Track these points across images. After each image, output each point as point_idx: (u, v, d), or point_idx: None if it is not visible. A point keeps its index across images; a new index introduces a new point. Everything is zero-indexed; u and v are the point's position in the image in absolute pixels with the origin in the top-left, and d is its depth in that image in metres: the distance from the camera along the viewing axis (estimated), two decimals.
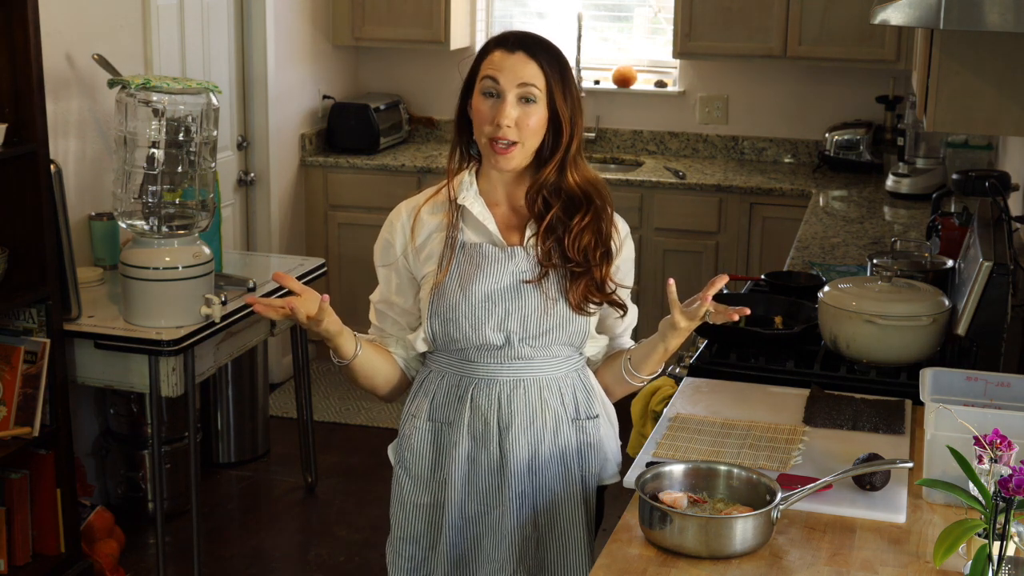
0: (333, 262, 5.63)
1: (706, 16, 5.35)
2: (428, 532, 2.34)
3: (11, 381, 3.44)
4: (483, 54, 2.22)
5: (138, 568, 3.99)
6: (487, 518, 2.29)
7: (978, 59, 2.55)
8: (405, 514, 2.36)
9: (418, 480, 2.34)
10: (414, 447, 2.32)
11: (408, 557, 2.38)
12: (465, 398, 2.27)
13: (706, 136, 5.81)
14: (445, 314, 2.23)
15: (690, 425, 2.48)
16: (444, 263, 2.22)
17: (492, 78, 2.17)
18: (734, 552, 1.96)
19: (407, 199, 2.35)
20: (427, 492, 2.33)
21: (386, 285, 2.35)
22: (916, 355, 2.74)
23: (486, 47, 2.23)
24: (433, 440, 2.32)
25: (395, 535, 2.39)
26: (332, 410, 5.32)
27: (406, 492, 2.35)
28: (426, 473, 2.33)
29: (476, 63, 2.23)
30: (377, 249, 2.35)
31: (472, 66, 2.23)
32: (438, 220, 2.27)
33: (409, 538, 2.37)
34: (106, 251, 4.07)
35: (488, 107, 2.18)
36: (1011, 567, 1.79)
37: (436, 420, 2.31)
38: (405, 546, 2.37)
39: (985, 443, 1.82)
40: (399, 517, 2.37)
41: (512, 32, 2.24)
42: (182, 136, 3.62)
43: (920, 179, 4.93)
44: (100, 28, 4.13)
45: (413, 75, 6.08)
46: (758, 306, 3.11)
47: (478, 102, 2.19)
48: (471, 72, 2.23)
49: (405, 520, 2.36)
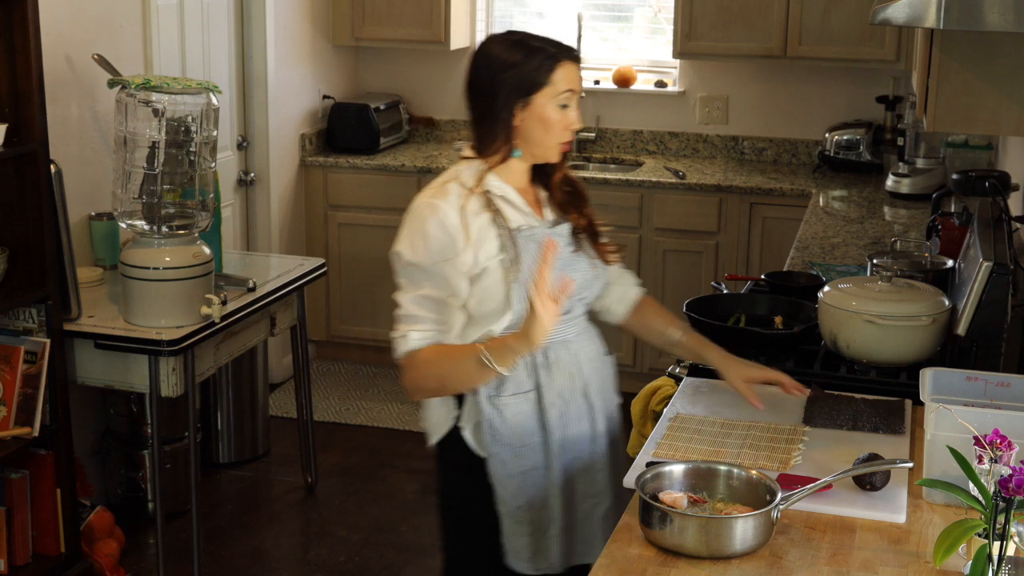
0: (333, 262, 5.63)
1: (706, 16, 5.35)
2: (538, 493, 2.45)
3: (11, 381, 3.44)
4: (553, 65, 2.35)
5: (138, 568, 3.99)
6: (582, 462, 2.49)
7: (978, 59, 2.55)
8: (514, 484, 2.43)
9: (518, 449, 2.42)
10: (508, 421, 2.41)
11: (528, 522, 2.46)
12: (547, 365, 2.43)
13: (706, 136, 5.81)
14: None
15: (690, 425, 2.48)
16: (513, 252, 2.36)
17: (571, 91, 2.37)
18: (734, 552, 1.96)
19: (434, 196, 2.37)
20: (529, 457, 2.43)
21: (451, 280, 2.35)
22: (916, 355, 2.74)
23: (554, 58, 2.35)
24: (523, 410, 2.42)
25: (509, 507, 2.44)
26: (332, 410, 5.32)
27: (511, 465, 2.42)
28: (525, 440, 2.43)
29: (544, 72, 2.35)
30: (429, 247, 2.34)
31: (536, 74, 2.34)
32: (475, 211, 2.36)
33: (525, 505, 2.45)
34: (106, 251, 4.07)
35: (561, 115, 2.37)
36: (1011, 567, 1.79)
37: (521, 392, 2.42)
38: (523, 513, 2.45)
39: (985, 443, 1.82)
40: (509, 489, 2.43)
41: (560, 41, 2.40)
42: (182, 136, 3.62)
43: (920, 179, 4.93)
44: (100, 28, 4.13)
45: (413, 75, 6.08)
46: (758, 306, 3.11)
47: (551, 111, 2.36)
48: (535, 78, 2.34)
49: (515, 490, 2.43)
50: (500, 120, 2.37)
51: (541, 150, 2.41)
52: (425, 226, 2.34)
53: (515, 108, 2.35)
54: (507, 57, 2.35)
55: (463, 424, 2.44)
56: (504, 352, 2.25)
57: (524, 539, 2.44)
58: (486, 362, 2.26)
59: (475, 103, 2.43)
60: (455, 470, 2.50)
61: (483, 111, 2.40)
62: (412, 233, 2.36)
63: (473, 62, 2.44)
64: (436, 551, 4.14)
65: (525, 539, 2.44)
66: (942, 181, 4.70)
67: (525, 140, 2.39)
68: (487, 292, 2.37)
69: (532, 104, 2.35)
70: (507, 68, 2.34)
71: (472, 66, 2.43)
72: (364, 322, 5.76)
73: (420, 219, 2.35)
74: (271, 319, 4.17)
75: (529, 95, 2.35)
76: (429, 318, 2.34)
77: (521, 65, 2.34)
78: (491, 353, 2.25)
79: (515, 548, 2.44)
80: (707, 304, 3.10)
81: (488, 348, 2.26)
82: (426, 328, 2.34)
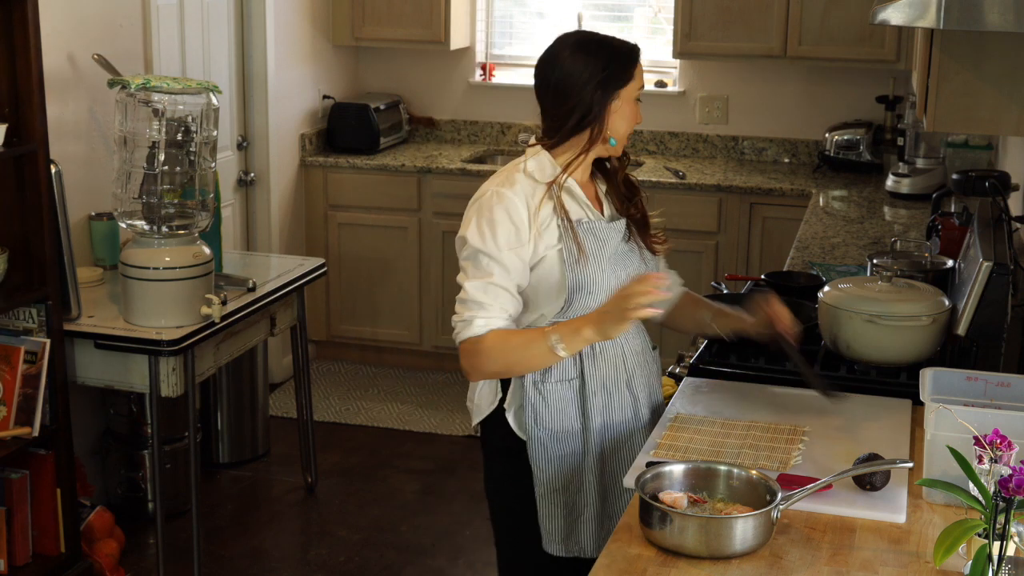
0: (333, 262, 5.63)
1: (706, 16, 5.35)
2: (574, 477, 2.52)
3: (11, 381, 3.44)
4: (634, 63, 2.50)
5: (138, 568, 3.99)
6: (623, 452, 2.55)
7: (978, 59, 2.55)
8: (552, 468, 2.51)
9: (558, 434, 2.50)
10: (550, 406, 2.49)
11: (562, 504, 2.53)
12: (592, 355, 2.51)
13: (706, 136, 5.81)
14: (590, 285, 2.47)
15: (690, 425, 2.48)
16: (575, 242, 2.45)
17: (643, 86, 2.54)
18: (734, 552, 1.96)
19: (502, 185, 2.47)
20: (568, 443, 2.51)
21: (516, 269, 2.44)
22: (916, 355, 2.74)
23: (633, 55, 2.50)
24: (566, 396, 2.50)
25: (546, 489, 2.52)
26: (332, 410, 5.32)
27: (550, 448, 2.51)
28: (565, 426, 2.51)
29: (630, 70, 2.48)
30: (497, 236, 2.42)
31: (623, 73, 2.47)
32: (540, 202, 2.46)
33: (561, 489, 2.52)
34: (106, 251, 4.07)
35: (636, 108, 2.52)
36: (1011, 567, 1.79)
37: (565, 379, 2.50)
38: (558, 497, 2.53)
39: (985, 443, 1.82)
40: (547, 472, 2.52)
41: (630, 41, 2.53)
42: (182, 136, 3.62)
43: (920, 179, 4.93)
44: (100, 28, 4.13)
45: (413, 75, 6.08)
46: None
47: (632, 105, 2.50)
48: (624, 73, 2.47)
49: (552, 473, 2.52)
50: (592, 112, 2.46)
51: (619, 143, 2.53)
52: (494, 215, 2.42)
53: (609, 101, 2.46)
54: (595, 56, 2.46)
55: (506, 407, 2.53)
56: (574, 339, 2.35)
57: (558, 522, 2.52)
58: (554, 347, 2.35)
59: (563, 100, 2.48)
60: (498, 453, 2.59)
61: (572, 107, 2.46)
62: (480, 221, 2.43)
63: (553, 61, 2.49)
64: (436, 551, 4.15)
65: (559, 522, 2.52)
66: (942, 181, 4.69)
67: (610, 133, 2.50)
68: (543, 280, 2.47)
69: (620, 98, 2.48)
70: (599, 66, 2.45)
71: (554, 67, 2.49)
72: (364, 322, 5.76)
73: (489, 207, 2.44)
74: (271, 319, 4.17)
75: (619, 90, 2.47)
76: (493, 305, 2.41)
77: (611, 63, 2.46)
78: (561, 339, 2.35)
79: (549, 530, 2.53)
80: None
81: (558, 333, 2.35)
82: (490, 315, 2.41)
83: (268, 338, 4.31)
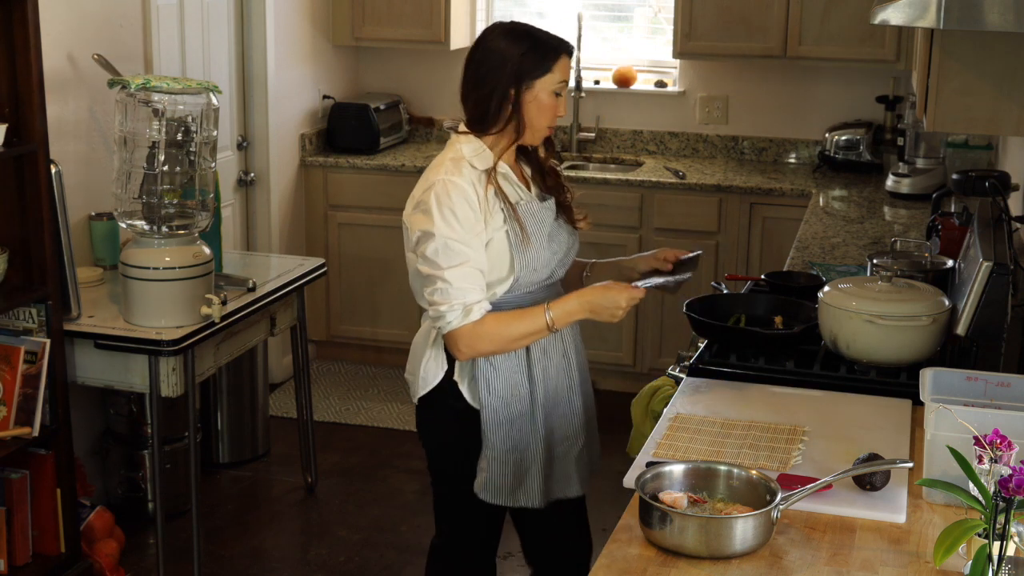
0: (333, 262, 5.63)
1: (706, 16, 5.35)
2: (523, 438, 2.71)
3: (11, 381, 3.44)
4: (555, 57, 2.60)
5: (138, 568, 3.99)
6: (561, 409, 2.78)
7: (978, 59, 2.55)
8: (503, 431, 2.69)
9: (509, 400, 2.68)
10: (500, 375, 2.67)
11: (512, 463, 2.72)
12: None
13: (706, 136, 5.81)
14: (534, 263, 2.65)
15: (690, 425, 2.48)
16: (518, 223, 2.61)
17: (564, 81, 2.63)
18: (734, 552, 1.96)
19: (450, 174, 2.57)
20: (517, 407, 2.70)
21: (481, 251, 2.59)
22: (916, 355, 2.74)
23: (556, 50, 2.61)
24: (515, 365, 2.68)
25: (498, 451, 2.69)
26: (332, 410, 5.32)
27: (502, 413, 2.68)
28: (515, 392, 2.69)
29: (548, 63, 2.59)
30: (462, 222, 2.54)
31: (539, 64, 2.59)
32: (483, 186, 2.60)
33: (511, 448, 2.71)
34: (106, 251, 4.07)
35: (554, 102, 2.62)
36: (1011, 567, 1.79)
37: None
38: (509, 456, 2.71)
39: (985, 443, 1.82)
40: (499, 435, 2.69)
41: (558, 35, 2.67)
42: (182, 136, 3.62)
43: (920, 179, 4.93)
44: (100, 28, 4.13)
45: (413, 75, 6.08)
46: (758, 306, 3.11)
47: (549, 98, 2.60)
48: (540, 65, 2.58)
49: (503, 435, 2.70)
50: (507, 100, 2.58)
51: (531, 131, 2.64)
52: (453, 203, 2.54)
53: (522, 90, 2.57)
54: (515, 43, 2.58)
55: (457, 377, 2.69)
56: (566, 319, 2.61)
57: (508, 479, 2.72)
58: (549, 324, 2.59)
59: (479, 84, 2.60)
60: (447, 418, 2.74)
61: (489, 91, 2.59)
62: (442, 210, 2.54)
63: (479, 46, 2.63)
64: None
65: (509, 479, 2.72)
66: (942, 181, 4.70)
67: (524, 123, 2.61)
68: (493, 260, 2.61)
69: (534, 88, 2.58)
70: (516, 53, 2.57)
71: (478, 49, 2.62)
72: (364, 322, 5.76)
73: (446, 196, 2.54)
74: (271, 319, 4.17)
75: (533, 80, 2.58)
76: (475, 288, 2.56)
77: (528, 52, 2.58)
78: (555, 318, 2.59)
79: (500, 486, 2.72)
80: (707, 304, 3.10)
81: (552, 312, 2.59)
82: (479, 299, 2.57)
83: (268, 338, 4.31)
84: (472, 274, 2.55)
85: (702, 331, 2.99)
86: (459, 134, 2.65)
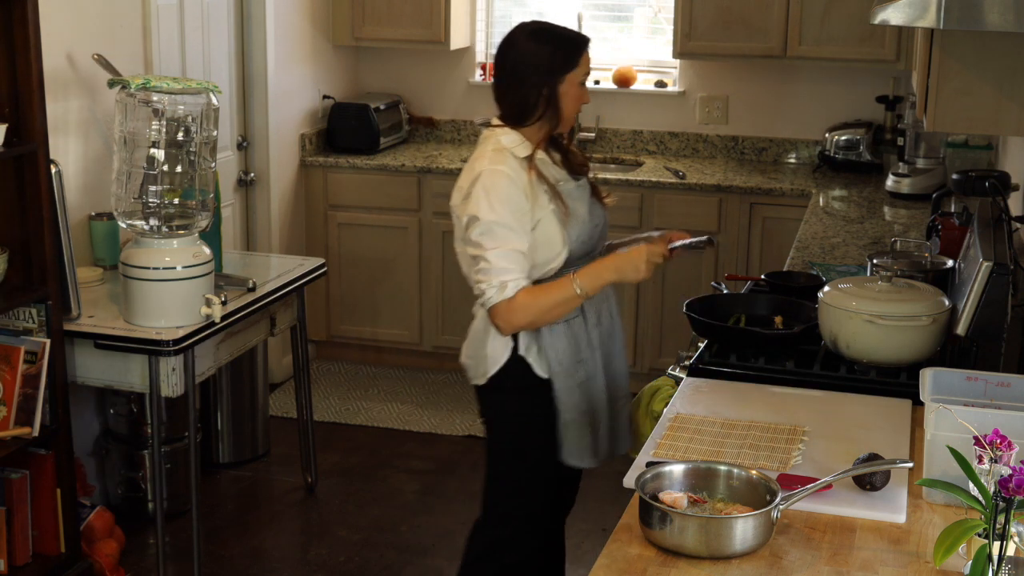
0: (333, 262, 5.63)
1: (706, 16, 5.35)
2: (591, 398, 2.94)
3: (11, 381, 3.44)
4: (579, 51, 2.89)
5: (138, 568, 3.99)
6: (614, 369, 3.03)
7: (978, 59, 2.55)
8: (575, 395, 2.91)
9: (575, 366, 2.90)
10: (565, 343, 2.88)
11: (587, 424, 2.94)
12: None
13: (706, 136, 5.81)
14: (581, 236, 2.88)
15: (690, 425, 2.48)
16: (561, 201, 2.84)
17: (588, 72, 2.91)
18: (734, 552, 1.96)
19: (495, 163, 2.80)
20: (582, 372, 2.91)
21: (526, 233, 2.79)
22: (916, 355, 2.74)
23: (579, 45, 2.89)
24: (575, 332, 2.90)
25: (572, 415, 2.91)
26: (332, 410, 5.32)
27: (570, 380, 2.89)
28: (579, 357, 2.91)
29: (574, 58, 2.87)
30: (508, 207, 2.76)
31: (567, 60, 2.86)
32: (526, 172, 2.83)
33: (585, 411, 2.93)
34: (106, 251, 4.07)
35: (581, 91, 2.89)
36: (1011, 567, 1.79)
37: (571, 318, 2.89)
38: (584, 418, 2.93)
39: (985, 443, 1.82)
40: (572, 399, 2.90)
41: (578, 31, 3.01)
42: (182, 136, 3.62)
43: (920, 179, 4.93)
44: (100, 28, 4.13)
45: (413, 75, 6.08)
46: (758, 306, 3.11)
47: (577, 88, 2.88)
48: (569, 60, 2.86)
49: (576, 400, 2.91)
50: (542, 94, 2.84)
51: (565, 121, 2.90)
52: (499, 189, 2.76)
53: (556, 85, 2.83)
54: (544, 44, 2.85)
55: (524, 352, 2.87)
56: (595, 282, 2.80)
57: (586, 440, 2.93)
58: (578, 291, 2.77)
59: (518, 83, 2.85)
60: (515, 392, 2.92)
61: (527, 89, 2.84)
62: (488, 196, 2.76)
63: (509, 49, 2.88)
64: (436, 551, 4.15)
65: (587, 440, 2.93)
66: (942, 181, 4.70)
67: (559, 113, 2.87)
68: (546, 238, 2.82)
69: (565, 82, 2.85)
70: (546, 53, 2.84)
71: (509, 52, 2.88)
72: (364, 322, 5.76)
73: (493, 184, 2.77)
74: (271, 319, 4.17)
75: (564, 75, 2.84)
76: (516, 268, 2.75)
77: (556, 51, 2.85)
78: (582, 284, 2.78)
79: (579, 449, 2.93)
80: (707, 304, 3.10)
81: (579, 279, 2.78)
82: (516, 277, 2.75)
83: (268, 338, 4.31)
84: (513, 255, 2.74)
85: (702, 331, 2.99)
86: (494, 127, 2.88)
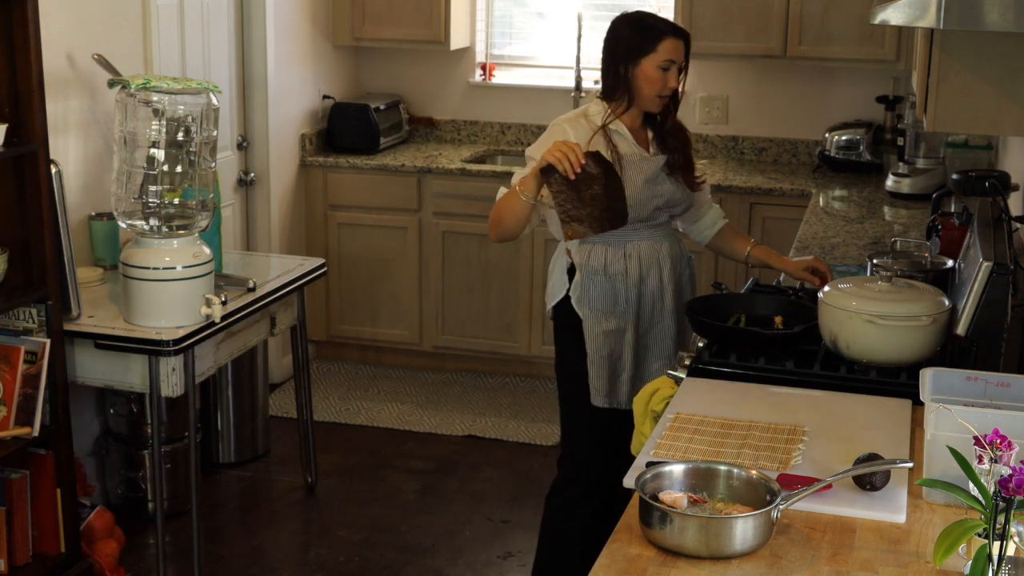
0: (333, 262, 5.63)
1: (706, 16, 5.35)
2: (616, 346, 3.26)
3: (11, 381, 3.44)
4: (658, 38, 3.18)
5: (138, 568, 3.99)
6: (657, 328, 3.32)
7: (978, 59, 2.55)
8: (600, 339, 3.25)
9: (605, 314, 3.24)
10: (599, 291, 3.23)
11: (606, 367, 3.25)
12: (632, 256, 3.25)
13: (706, 136, 5.81)
14: (631, 199, 3.13)
15: (690, 425, 2.48)
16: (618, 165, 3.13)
17: (671, 60, 3.18)
18: (734, 552, 1.96)
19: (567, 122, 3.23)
20: (611, 321, 3.24)
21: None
22: (916, 355, 2.74)
23: (661, 33, 3.19)
24: (611, 286, 3.24)
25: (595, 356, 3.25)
26: (332, 410, 5.32)
27: (597, 326, 3.24)
28: (609, 308, 3.24)
29: (651, 44, 3.17)
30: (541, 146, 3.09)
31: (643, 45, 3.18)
32: (587, 137, 3.17)
33: (607, 355, 3.25)
34: (106, 251, 4.07)
35: (661, 76, 3.18)
36: (1011, 567, 1.79)
37: (612, 272, 3.23)
38: (604, 361, 3.25)
39: (985, 443, 1.82)
40: (597, 342, 3.25)
41: (672, 22, 3.31)
42: (182, 136, 3.62)
43: (920, 179, 4.93)
44: (100, 28, 4.13)
45: (413, 75, 6.08)
46: (758, 306, 3.11)
47: (655, 72, 3.18)
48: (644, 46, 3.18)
49: (600, 343, 3.25)
50: (619, 75, 3.20)
51: (641, 100, 3.22)
52: (551, 135, 3.18)
53: (630, 67, 3.18)
54: (627, 29, 3.22)
55: (572, 293, 3.26)
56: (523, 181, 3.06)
57: (602, 381, 3.25)
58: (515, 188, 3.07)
59: (604, 62, 3.25)
60: (564, 329, 3.31)
61: (606, 68, 3.24)
62: (542, 138, 3.21)
63: (610, 29, 3.26)
64: (436, 551, 4.15)
65: (604, 381, 3.25)
66: (942, 181, 4.69)
67: (635, 92, 3.20)
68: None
69: (640, 65, 3.17)
70: (625, 37, 3.21)
71: (608, 32, 3.26)
72: (364, 322, 5.76)
73: (550, 131, 3.22)
74: (271, 319, 4.17)
75: (639, 58, 3.17)
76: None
77: (634, 35, 3.19)
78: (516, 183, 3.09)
79: (596, 387, 3.27)
80: (707, 304, 3.10)
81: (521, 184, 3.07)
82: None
83: (268, 338, 4.31)
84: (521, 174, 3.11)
85: (702, 331, 2.99)
86: (597, 99, 3.27)
